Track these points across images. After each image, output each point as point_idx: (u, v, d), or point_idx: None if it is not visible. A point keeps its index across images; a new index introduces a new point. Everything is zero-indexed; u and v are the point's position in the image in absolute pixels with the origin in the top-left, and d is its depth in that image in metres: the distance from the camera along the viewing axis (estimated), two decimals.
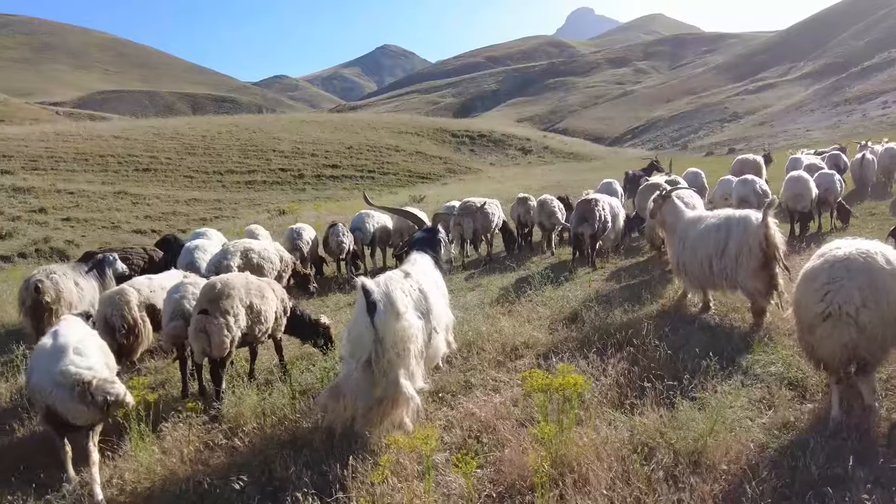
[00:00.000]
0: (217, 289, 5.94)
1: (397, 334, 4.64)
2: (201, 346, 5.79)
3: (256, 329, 6.22)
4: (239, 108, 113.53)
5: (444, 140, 53.97)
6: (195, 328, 5.84)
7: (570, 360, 6.09)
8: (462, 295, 9.54)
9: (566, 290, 8.66)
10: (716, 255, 6.98)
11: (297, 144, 45.12)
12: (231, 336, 5.84)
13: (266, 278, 7.01)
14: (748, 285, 6.74)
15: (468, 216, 11.99)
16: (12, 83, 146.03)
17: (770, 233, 6.60)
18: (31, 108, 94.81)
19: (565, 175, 34.42)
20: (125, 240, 26.29)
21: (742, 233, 6.80)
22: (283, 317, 6.76)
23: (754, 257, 6.64)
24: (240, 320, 5.95)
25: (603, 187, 14.53)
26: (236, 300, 5.95)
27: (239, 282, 6.18)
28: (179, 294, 6.47)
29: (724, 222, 7.10)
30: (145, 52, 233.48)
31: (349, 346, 4.86)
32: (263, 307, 6.26)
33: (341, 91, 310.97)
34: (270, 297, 6.45)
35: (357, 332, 4.73)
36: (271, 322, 6.42)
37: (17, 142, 37.71)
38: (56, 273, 8.17)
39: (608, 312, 7.01)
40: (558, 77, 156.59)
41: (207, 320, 5.79)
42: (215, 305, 5.83)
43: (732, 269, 6.84)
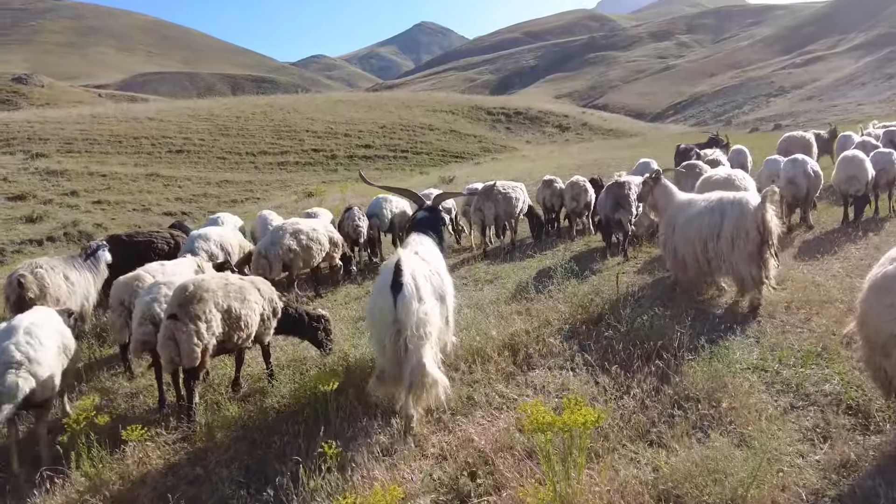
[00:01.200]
0: (188, 291, 5.31)
1: (420, 318, 4.60)
2: (169, 354, 5.19)
3: (236, 335, 5.58)
4: (277, 89, 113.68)
5: (479, 118, 52.87)
6: (163, 335, 5.24)
7: (590, 372, 5.31)
8: (478, 289, 8.76)
9: (592, 285, 7.82)
10: (710, 239, 6.80)
11: (331, 125, 44.61)
12: (202, 344, 5.21)
13: (253, 277, 6.32)
14: (742, 270, 6.58)
15: (490, 200, 11.16)
16: (58, 67, 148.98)
17: (767, 216, 6.43)
18: (75, 92, 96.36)
19: (603, 153, 33.06)
20: (154, 222, 26.21)
21: (738, 215, 6.61)
22: (273, 318, 6.11)
23: (751, 241, 6.47)
24: (213, 326, 5.31)
25: (640, 168, 13.52)
26: (210, 304, 5.31)
27: (215, 284, 5.53)
28: (150, 296, 5.86)
29: (717, 205, 6.90)
30: (187, 33, 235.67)
31: (372, 328, 4.89)
32: (244, 311, 5.61)
33: (378, 70, 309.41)
34: (254, 299, 5.79)
35: (380, 313, 4.68)
36: (254, 327, 5.77)
37: (54, 125, 37.98)
38: (42, 267, 7.66)
39: (637, 314, 6.17)
40: (598, 52, 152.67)
41: (176, 326, 5.17)
42: (185, 310, 5.20)
43: (727, 253, 6.66)
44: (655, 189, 7.89)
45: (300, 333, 6.48)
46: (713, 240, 6.78)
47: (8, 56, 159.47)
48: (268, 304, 6.02)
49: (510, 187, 11.63)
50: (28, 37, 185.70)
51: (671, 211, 7.57)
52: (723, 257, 6.75)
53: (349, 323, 7.55)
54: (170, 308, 5.33)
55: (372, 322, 4.89)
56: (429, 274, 4.98)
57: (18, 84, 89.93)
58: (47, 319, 5.54)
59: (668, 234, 7.49)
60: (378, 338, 4.77)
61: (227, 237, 10.06)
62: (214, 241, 9.72)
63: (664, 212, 7.74)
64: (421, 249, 5.32)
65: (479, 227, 11.53)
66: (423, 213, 5.98)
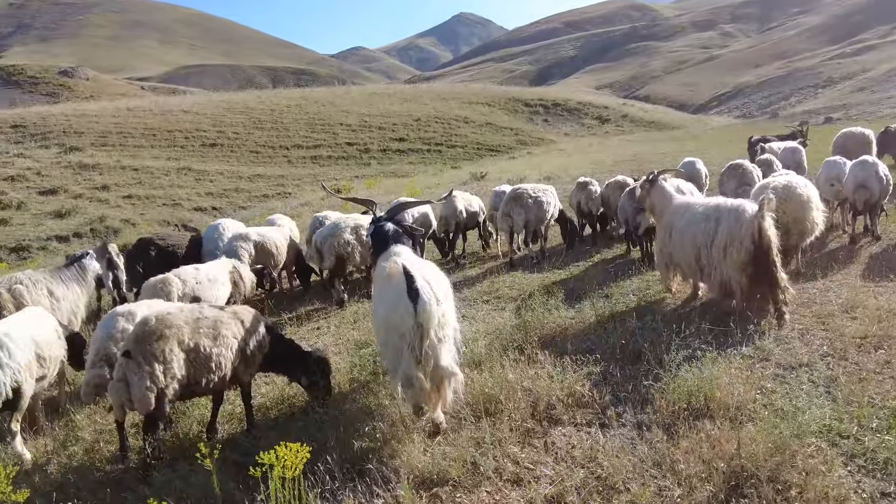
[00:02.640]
0: (148, 327, 4.53)
1: (440, 320, 4.60)
2: (119, 398, 4.44)
3: (204, 379, 4.78)
4: (317, 81, 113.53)
5: (516, 110, 51.60)
6: (115, 375, 4.48)
7: (626, 434, 4.37)
8: (499, 307, 7.83)
9: (628, 310, 6.84)
10: (704, 246, 6.62)
11: (365, 117, 43.94)
12: (157, 389, 4.43)
13: (238, 308, 5.47)
14: (732, 278, 6.38)
15: (519, 206, 10.19)
16: (103, 60, 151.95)
17: (765, 225, 6.18)
18: (118, 84, 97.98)
19: (644, 147, 31.60)
20: (184, 218, 25.88)
21: (733, 223, 6.40)
22: (258, 354, 5.28)
23: (744, 250, 6.24)
24: (173, 369, 4.51)
25: (684, 168, 12.39)
26: (172, 342, 4.52)
27: (183, 318, 4.73)
28: (105, 332, 5.08)
29: (713, 211, 6.70)
30: (229, 26, 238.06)
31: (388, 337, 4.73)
32: (216, 350, 4.81)
33: (417, 62, 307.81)
34: (230, 335, 4.98)
35: (400, 321, 4.54)
36: (228, 367, 4.95)
37: (90, 118, 38.07)
38: (23, 283, 7.02)
39: (682, 355, 5.20)
40: (640, 42, 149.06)
41: (129, 367, 4.41)
42: (141, 348, 4.44)
43: (719, 261, 6.46)
44: (652, 191, 7.65)
45: (291, 374, 5.64)
46: (707, 247, 6.58)
47: (57, 49, 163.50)
48: (252, 339, 5.20)
49: (540, 191, 10.66)
50: (76, 31, 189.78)
51: (668, 215, 7.32)
52: (714, 265, 6.54)
53: (352, 349, 6.67)
54: (125, 344, 4.57)
55: (388, 330, 4.70)
56: (435, 275, 4.95)
57: (65, 77, 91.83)
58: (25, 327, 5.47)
59: (664, 238, 7.29)
60: (396, 346, 4.62)
61: (271, 237, 9.53)
62: (255, 241, 9.28)
63: (661, 216, 7.48)
64: (411, 258, 5.23)
65: (507, 234, 10.57)
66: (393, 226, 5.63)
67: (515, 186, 10.78)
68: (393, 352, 4.70)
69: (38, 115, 37.26)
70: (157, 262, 9.39)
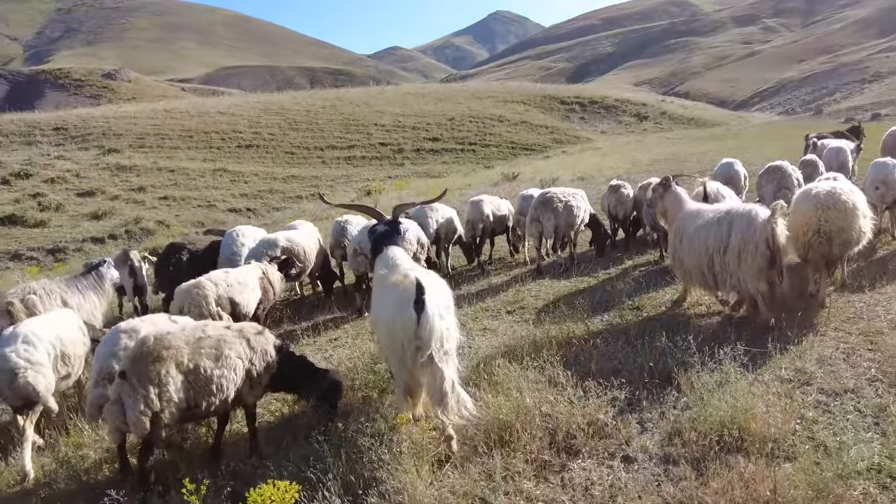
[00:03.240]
0: (146, 347, 4.32)
1: (443, 334, 4.58)
2: (114, 421, 4.24)
3: (204, 402, 4.55)
4: (353, 81, 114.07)
5: (552, 108, 50.90)
6: (111, 396, 4.28)
7: (651, 473, 4.00)
8: (522, 320, 7.44)
9: (664, 323, 6.43)
10: (717, 252, 6.49)
11: (399, 117, 43.83)
12: (151, 412, 4.22)
13: (245, 325, 5.24)
14: (751, 286, 6.21)
15: (549, 211, 9.79)
16: (145, 62, 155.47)
17: (777, 231, 6.07)
18: (159, 86, 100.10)
19: (682, 146, 30.76)
20: (219, 219, 26.05)
21: (746, 228, 6.27)
22: (265, 375, 5.04)
23: (760, 255, 6.11)
24: (169, 392, 4.29)
25: (722, 169, 11.84)
26: (170, 364, 4.30)
27: (183, 337, 4.51)
28: (108, 349, 4.90)
29: (725, 216, 6.58)
30: (267, 27, 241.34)
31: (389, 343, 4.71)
32: (217, 371, 4.57)
33: (453, 60, 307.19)
34: (235, 354, 4.74)
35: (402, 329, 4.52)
36: (231, 389, 4.72)
37: (129, 120, 38.69)
38: (36, 293, 6.94)
39: (712, 377, 4.80)
40: (679, 37, 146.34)
41: (123, 388, 4.20)
42: (137, 369, 4.23)
43: (734, 268, 6.31)
44: (665, 196, 7.51)
45: (301, 393, 5.39)
46: (720, 253, 6.46)
47: (102, 53, 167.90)
48: (259, 359, 4.96)
49: (570, 195, 10.24)
50: (119, 34, 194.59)
51: (679, 220, 7.20)
52: (729, 272, 6.39)
53: (367, 364, 6.39)
54: (122, 364, 4.37)
55: (390, 337, 4.68)
56: (438, 288, 4.84)
57: (108, 80, 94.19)
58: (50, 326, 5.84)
59: (675, 244, 7.17)
60: (397, 354, 4.62)
61: (300, 242, 9.32)
62: (284, 247, 9.03)
63: (673, 221, 7.37)
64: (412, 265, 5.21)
65: (536, 239, 10.17)
66: (384, 227, 5.62)
67: (544, 190, 10.37)
68: (396, 361, 4.71)
69: (79, 118, 38.00)
70: (188, 267, 9.32)
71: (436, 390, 4.51)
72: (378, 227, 5.67)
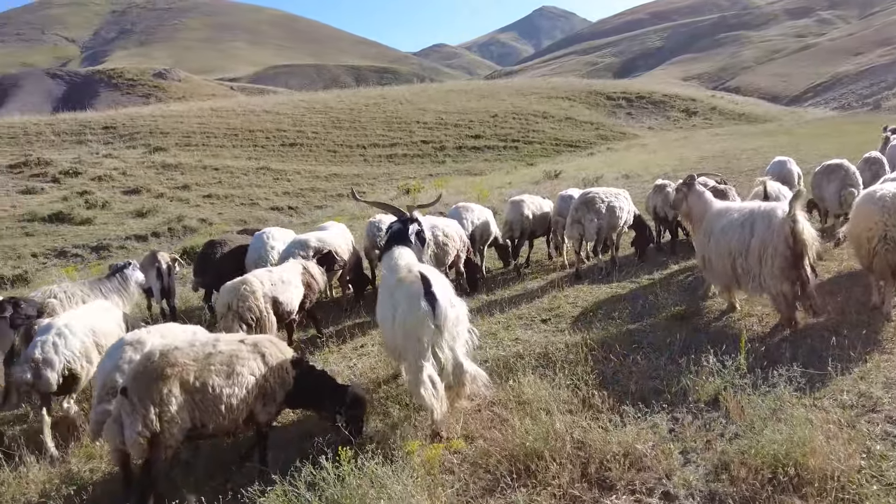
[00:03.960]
0: (150, 363, 4.05)
1: (454, 320, 4.84)
2: (113, 440, 3.98)
3: (212, 422, 4.26)
4: (398, 79, 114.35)
5: (597, 104, 49.92)
6: (112, 414, 4.03)
7: None
8: (557, 330, 6.95)
9: (711, 335, 5.92)
10: (739, 255, 6.37)
11: (442, 115, 43.54)
12: (150, 433, 3.95)
13: (260, 337, 4.98)
14: (773, 288, 6.05)
15: (591, 212, 9.29)
16: (196, 62, 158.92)
17: (798, 228, 5.88)
18: (209, 85, 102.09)
19: (732, 142, 29.61)
20: (261, 217, 26.18)
21: (765, 229, 6.16)
22: (280, 392, 4.73)
23: (780, 256, 5.95)
24: (170, 411, 4.01)
25: (774, 168, 11.13)
26: (173, 383, 4.03)
27: (192, 353, 4.22)
28: (112, 362, 4.66)
29: (748, 217, 6.46)
30: (315, 26, 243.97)
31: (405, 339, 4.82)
32: (227, 390, 4.29)
33: (498, 57, 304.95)
34: (248, 371, 4.44)
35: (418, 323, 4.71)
36: (243, 409, 4.42)
37: (175, 119, 39.30)
38: (57, 297, 6.82)
39: (765, 403, 4.30)
40: (729, 31, 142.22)
41: (123, 406, 3.95)
42: (138, 386, 3.98)
43: (756, 270, 6.18)
44: (689, 196, 7.32)
45: (320, 410, 5.07)
46: (742, 255, 6.35)
47: (155, 53, 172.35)
48: (273, 376, 4.65)
49: (613, 195, 9.73)
50: (171, 34, 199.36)
51: (707, 220, 7.04)
52: (752, 274, 6.27)
53: (391, 376, 6.04)
54: (124, 380, 4.11)
55: (405, 335, 4.82)
56: (443, 280, 5.10)
57: (159, 79, 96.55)
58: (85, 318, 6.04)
59: (703, 243, 7.05)
60: (414, 349, 4.76)
61: (332, 243, 9.08)
62: (315, 248, 8.80)
63: (699, 222, 7.21)
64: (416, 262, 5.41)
65: (577, 242, 9.66)
66: (398, 225, 5.88)
67: (586, 190, 9.86)
68: (412, 356, 4.79)
69: (128, 117, 38.76)
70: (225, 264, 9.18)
71: (452, 374, 4.84)
72: (393, 225, 5.84)
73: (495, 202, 16.03)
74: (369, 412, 5.34)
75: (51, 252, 19.89)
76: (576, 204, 9.58)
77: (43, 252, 19.90)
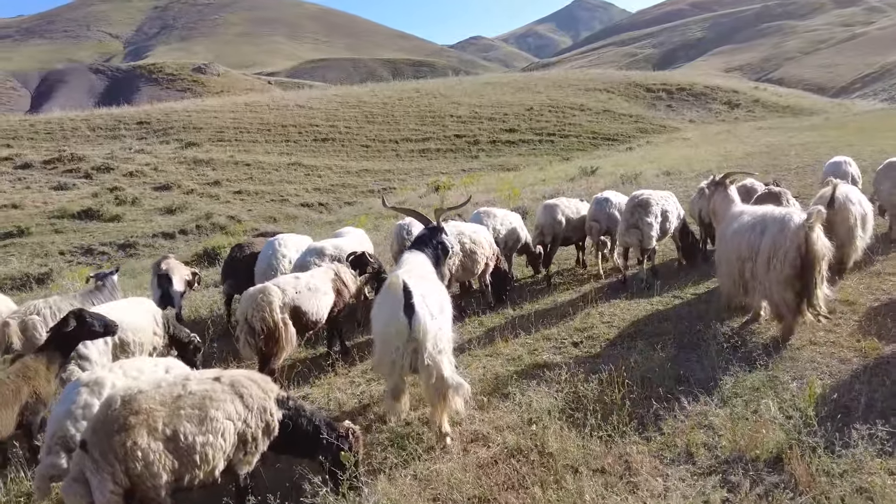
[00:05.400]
0: (111, 411, 3.43)
1: (436, 333, 4.74)
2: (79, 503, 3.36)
3: (187, 475, 3.63)
4: (435, 72, 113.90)
5: (636, 96, 48.52)
6: (71, 471, 3.44)
7: None
8: (590, 355, 6.21)
9: (769, 368, 5.10)
10: (748, 259, 6.16)
11: (476, 108, 42.77)
12: (121, 489, 3.39)
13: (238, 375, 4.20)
14: (777, 294, 5.86)
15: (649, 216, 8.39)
16: (235, 56, 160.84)
17: (812, 237, 5.68)
18: (247, 79, 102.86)
19: (778, 136, 28.16)
20: (290, 214, 25.85)
21: (777, 233, 5.92)
22: (263, 439, 4.07)
23: (789, 263, 5.74)
24: (138, 467, 3.38)
25: (829, 170, 10.12)
26: (142, 433, 3.42)
27: (160, 396, 3.60)
28: (64, 408, 4.05)
29: (759, 220, 6.25)
30: (352, 20, 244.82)
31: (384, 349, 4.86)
32: (201, 438, 3.65)
33: (535, 49, 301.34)
34: (223, 415, 3.78)
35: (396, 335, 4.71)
36: (220, 460, 3.78)
37: (210, 114, 39.25)
38: (41, 313, 6.28)
39: (844, 465, 3.50)
40: (773, 21, 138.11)
41: (85, 463, 3.37)
42: (99, 439, 3.36)
43: (762, 275, 5.99)
44: (716, 195, 7.23)
45: (310, 457, 4.41)
46: (751, 260, 6.15)
47: (195, 48, 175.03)
48: (255, 418, 4.00)
49: (663, 198, 8.87)
50: (211, 29, 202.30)
51: (724, 222, 6.92)
52: (758, 279, 6.07)
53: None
54: (84, 432, 3.51)
55: (384, 343, 4.87)
56: (430, 290, 5.06)
57: (198, 74, 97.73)
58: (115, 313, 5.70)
59: (719, 245, 6.98)
60: (389, 358, 4.78)
61: (347, 250, 8.50)
62: (332, 255, 8.31)
63: (721, 222, 7.09)
64: (414, 268, 5.34)
65: (636, 248, 8.72)
66: (425, 231, 5.93)
67: (637, 192, 8.92)
68: (387, 365, 4.82)
69: (162, 112, 38.83)
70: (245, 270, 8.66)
71: (434, 389, 4.72)
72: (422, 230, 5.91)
73: (527, 201, 15.21)
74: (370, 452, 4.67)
75: (78, 250, 19.73)
76: (630, 207, 8.69)
77: (70, 250, 19.76)
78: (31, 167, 27.97)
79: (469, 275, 8.37)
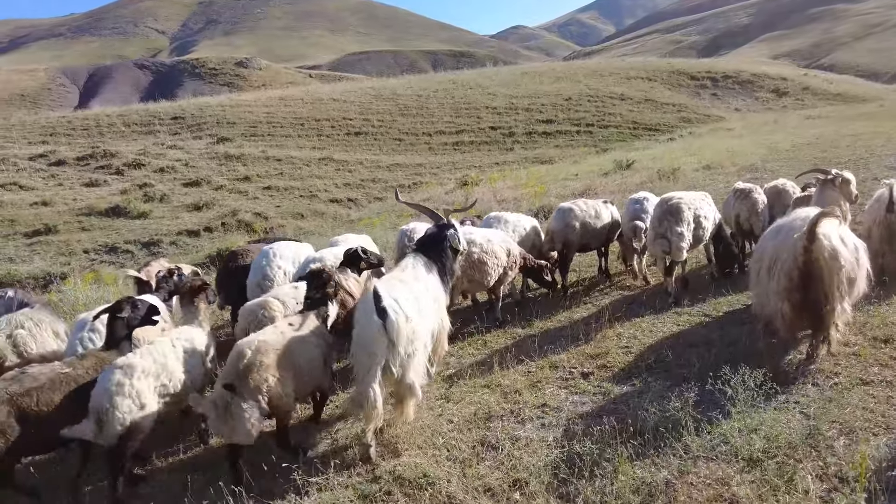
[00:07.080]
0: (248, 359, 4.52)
1: (408, 336, 4.78)
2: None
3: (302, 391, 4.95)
4: (475, 63, 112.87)
5: (680, 84, 46.91)
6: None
7: None
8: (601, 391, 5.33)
9: (822, 411, 4.25)
10: (764, 267, 5.67)
11: (512, 99, 41.81)
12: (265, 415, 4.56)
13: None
14: (774, 304, 5.42)
15: (680, 223, 7.44)
16: (278, 50, 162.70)
17: (814, 247, 5.07)
18: (288, 73, 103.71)
19: (829, 126, 26.51)
20: (318, 210, 25.46)
21: (782, 241, 5.50)
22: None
23: (786, 274, 5.27)
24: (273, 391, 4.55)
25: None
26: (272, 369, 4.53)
27: (273, 341, 4.73)
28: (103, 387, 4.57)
29: (783, 225, 5.78)
30: (393, 12, 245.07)
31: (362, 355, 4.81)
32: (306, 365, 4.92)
33: (577, 37, 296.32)
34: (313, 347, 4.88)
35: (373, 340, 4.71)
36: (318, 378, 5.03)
37: (244, 108, 39.13)
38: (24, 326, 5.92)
39: None
40: (823, 5, 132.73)
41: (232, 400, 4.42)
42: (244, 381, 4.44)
43: (765, 283, 5.57)
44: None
45: None
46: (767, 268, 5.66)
47: (239, 42, 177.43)
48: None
49: (697, 200, 7.92)
50: (255, 24, 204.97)
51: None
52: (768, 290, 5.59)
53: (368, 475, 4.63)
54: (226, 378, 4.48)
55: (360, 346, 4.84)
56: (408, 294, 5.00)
57: (240, 68, 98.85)
58: None
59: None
60: (364, 363, 4.77)
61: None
62: (331, 264, 7.54)
63: None
64: (404, 274, 5.33)
65: (678, 256, 7.79)
66: (432, 230, 5.83)
67: (667, 196, 7.89)
68: (363, 369, 4.77)
69: (196, 107, 38.88)
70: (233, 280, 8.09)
71: (398, 392, 4.94)
72: (428, 231, 5.85)
73: (553, 199, 14.32)
74: None
75: (102, 248, 19.58)
76: (658, 214, 7.72)
77: (94, 248, 19.62)
78: (64, 164, 28.14)
79: (479, 287, 7.59)
